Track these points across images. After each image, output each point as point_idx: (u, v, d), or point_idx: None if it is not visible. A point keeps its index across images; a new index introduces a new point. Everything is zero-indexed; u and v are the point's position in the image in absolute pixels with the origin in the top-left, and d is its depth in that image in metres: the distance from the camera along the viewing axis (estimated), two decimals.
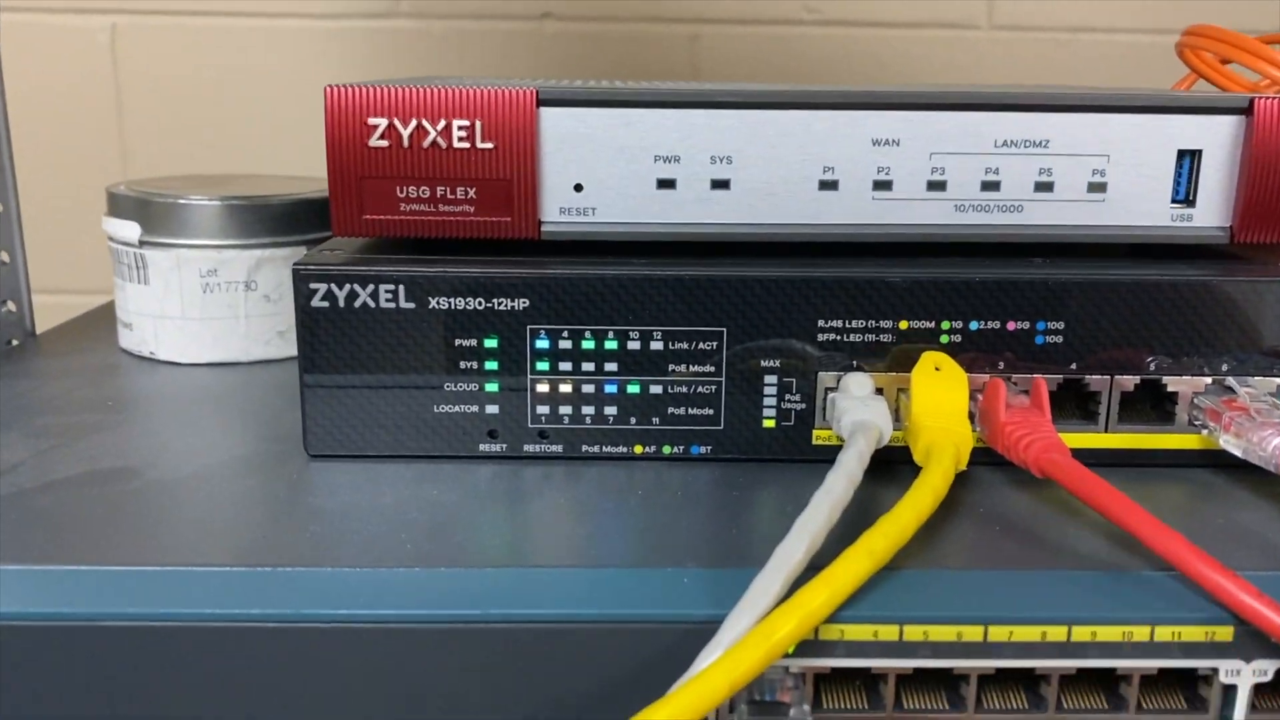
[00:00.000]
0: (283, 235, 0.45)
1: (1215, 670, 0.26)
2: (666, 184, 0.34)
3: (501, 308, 0.33)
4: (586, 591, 0.26)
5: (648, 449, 0.35)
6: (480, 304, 0.33)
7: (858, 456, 0.29)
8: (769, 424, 0.34)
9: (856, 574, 0.25)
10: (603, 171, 0.34)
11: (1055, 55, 0.77)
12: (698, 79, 0.78)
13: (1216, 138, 0.34)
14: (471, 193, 0.34)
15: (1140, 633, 0.26)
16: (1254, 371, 0.34)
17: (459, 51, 0.76)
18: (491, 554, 0.28)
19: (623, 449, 0.35)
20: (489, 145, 0.33)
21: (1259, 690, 0.27)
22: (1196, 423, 0.34)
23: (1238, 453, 0.32)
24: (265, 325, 0.45)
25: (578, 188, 0.34)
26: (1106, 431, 0.34)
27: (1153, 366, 0.34)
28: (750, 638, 0.24)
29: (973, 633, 0.26)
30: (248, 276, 0.44)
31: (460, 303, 0.33)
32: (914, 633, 0.26)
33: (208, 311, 0.44)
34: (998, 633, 0.26)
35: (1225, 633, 0.26)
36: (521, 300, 0.33)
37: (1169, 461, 0.35)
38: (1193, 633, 0.26)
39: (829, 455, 0.34)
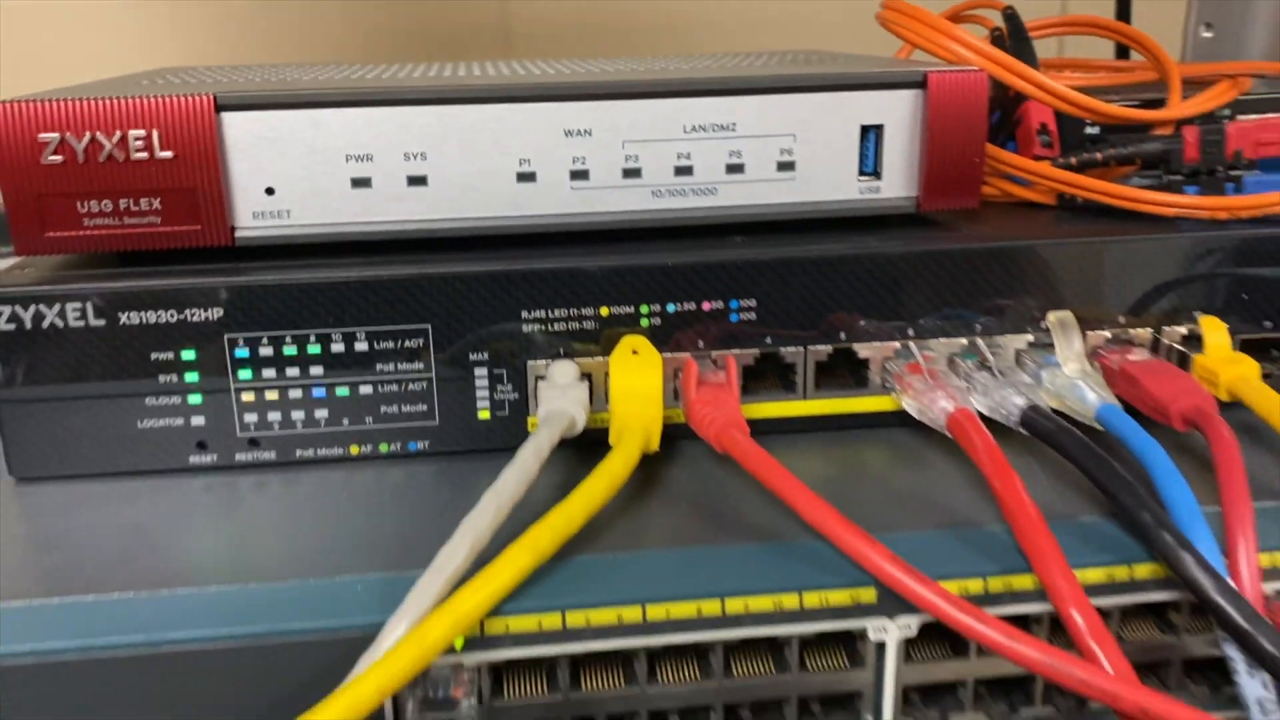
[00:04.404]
0: None
1: (865, 629, 0.28)
2: (361, 183, 0.34)
3: (195, 319, 0.33)
4: (249, 609, 0.26)
5: (364, 449, 0.35)
6: (173, 316, 0.33)
7: (535, 451, 0.30)
8: (484, 415, 0.35)
9: (516, 571, 0.26)
10: (294, 174, 0.34)
11: None
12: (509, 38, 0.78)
13: (896, 112, 0.36)
14: (156, 203, 0.33)
15: (789, 600, 0.27)
16: (938, 334, 0.36)
17: (254, 23, 0.74)
18: (168, 577, 0.28)
19: (338, 451, 0.35)
20: (169, 154, 0.32)
21: (910, 643, 0.29)
22: (889, 386, 0.36)
23: (914, 414, 0.34)
24: None
25: (269, 191, 0.34)
26: (805, 399, 0.36)
27: (843, 335, 0.36)
28: (402, 644, 0.24)
29: (631, 614, 0.27)
30: None
31: (151, 316, 0.33)
32: (576, 619, 0.27)
33: None
34: (655, 611, 0.27)
35: (869, 594, 0.28)
36: (215, 310, 0.33)
37: (868, 423, 0.36)
38: (839, 596, 0.28)
39: None
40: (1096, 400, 0.33)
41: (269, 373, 0.34)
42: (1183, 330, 0.37)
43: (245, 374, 0.34)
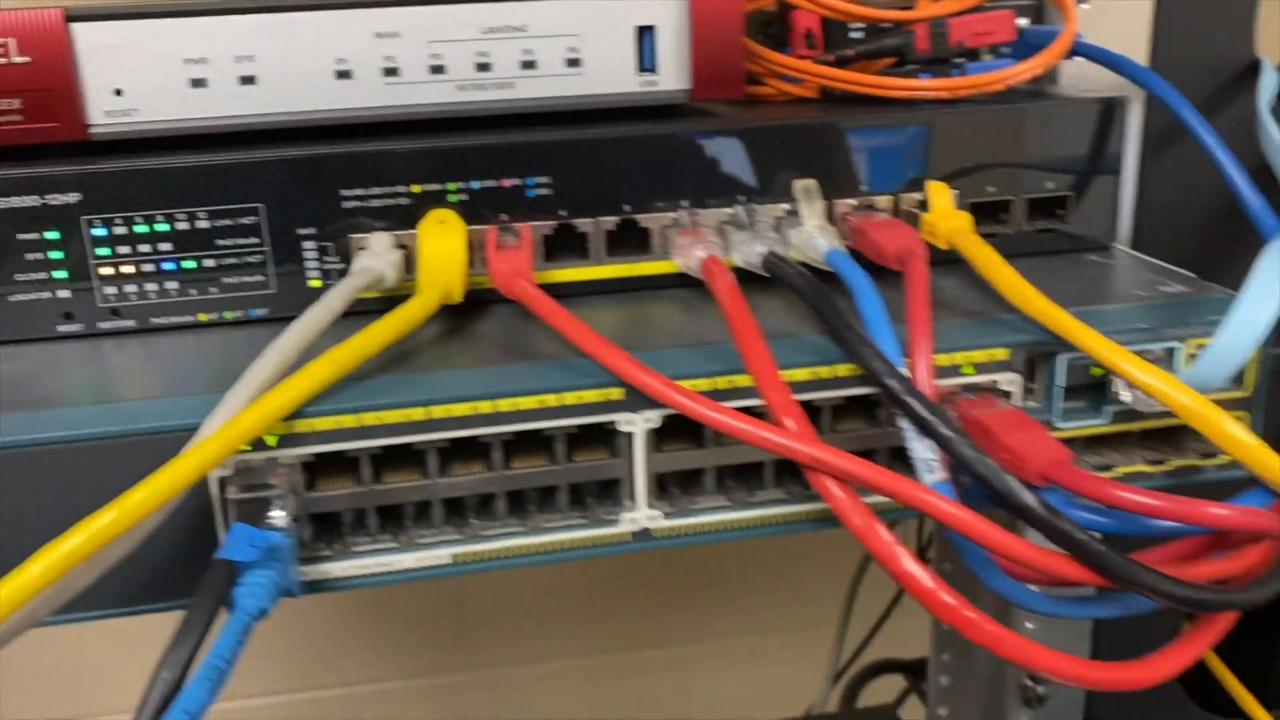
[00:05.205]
0: None
1: (614, 422, 0.34)
2: (198, 83, 0.39)
3: (56, 203, 0.38)
4: (100, 418, 0.32)
5: (212, 316, 0.40)
6: (36, 201, 0.38)
7: (339, 292, 0.35)
8: (315, 283, 0.40)
9: (317, 379, 0.32)
10: (139, 76, 0.39)
11: None
12: None
13: (665, 14, 0.42)
14: (17, 104, 0.38)
15: (551, 399, 0.33)
16: (708, 205, 0.42)
17: None
18: (37, 404, 0.33)
19: (189, 318, 0.40)
20: (26, 59, 0.37)
21: (659, 434, 0.35)
22: (668, 250, 0.42)
23: (683, 268, 0.40)
24: None
25: (118, 92, 0.39)
26: (599, 264, 0.42)
27: (628, 208, 0.42)
28: (218, 431, 0.30)
29: (418, 413, 0.33)
30: None
31: (16, 201, 0.38)
32: (370, 418, 0.33)
33: None
34: (438, 411, 0.33)
35: (617, 393, 0.34)
36: (73, 194, 0.38)
37: (658, 285, 0.43)
38: (592, 395, 0.34)
39: (368, 306, 0.41)
40: (826, 246, 0.39)
41: (124, 249, 0.39)
42: (918, 196, 0.43)
43: (102, 251, 0.39)
